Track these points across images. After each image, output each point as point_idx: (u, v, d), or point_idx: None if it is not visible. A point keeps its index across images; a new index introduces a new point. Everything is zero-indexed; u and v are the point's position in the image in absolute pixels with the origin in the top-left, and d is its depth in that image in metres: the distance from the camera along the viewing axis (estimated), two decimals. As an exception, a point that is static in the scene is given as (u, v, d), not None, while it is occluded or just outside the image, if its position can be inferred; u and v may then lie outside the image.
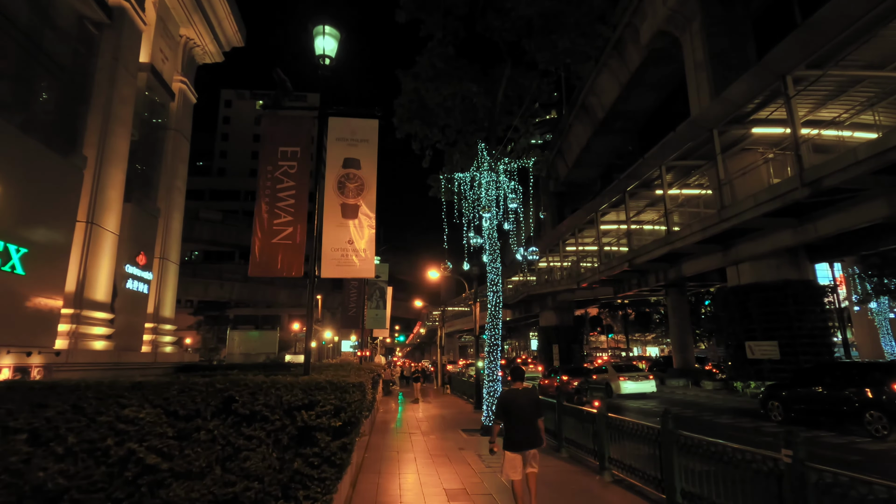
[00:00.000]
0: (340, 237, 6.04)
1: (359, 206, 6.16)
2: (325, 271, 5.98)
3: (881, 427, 10.70)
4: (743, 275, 19.99)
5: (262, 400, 3.78)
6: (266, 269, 5.85)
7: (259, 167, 6.13)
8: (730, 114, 16.95)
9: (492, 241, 13.74)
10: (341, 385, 4.01)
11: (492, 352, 13.20)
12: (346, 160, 6.24)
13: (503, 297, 36.33)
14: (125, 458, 3.53)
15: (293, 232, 5.92)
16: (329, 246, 6.01)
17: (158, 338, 18.25)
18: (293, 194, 6.03)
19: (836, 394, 12.00)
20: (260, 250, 5.87)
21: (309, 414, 3.83)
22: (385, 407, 19.82)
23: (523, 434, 5.31)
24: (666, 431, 5.83)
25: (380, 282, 15.60)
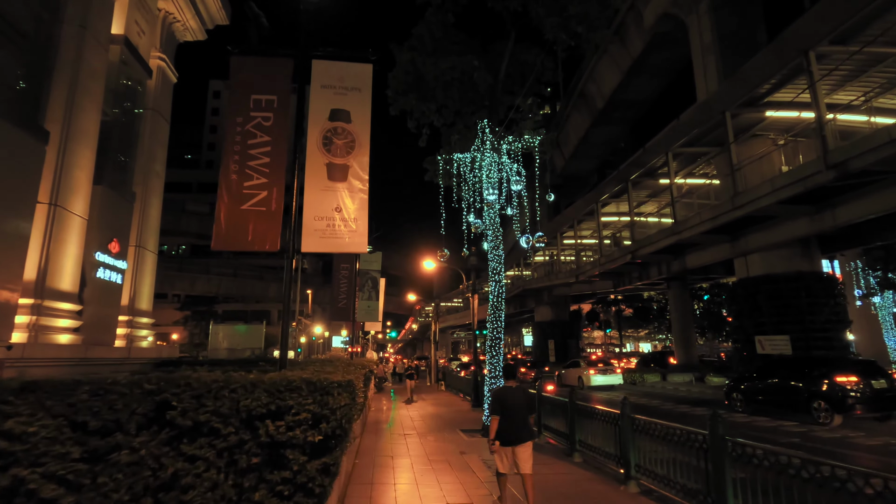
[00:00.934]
0: (326, 204, 4.97)
1: (348, 167, 5.09)
2: (307, 244, 4.90)
3: (825, 415, 11.96)
4: (752, 266, 19.13)
5: (210, 405, 2.71)
6: (233, 241, 4.76)
7: (227, 119, 5.03)
8: (744, 95, 16.02)
9: (494, 226, 12.72)
10: (322, 385, 2.95)
11: (493, 346, 12.19)
12: (333, 112, 5.16)
13: None
14: (9, 491, 2.45)
15: (268, 197, 4.84)
16: (312, 214, 4.94)
17: (134, 332, 17.01)
18: (268, 151, 4.94)
19: (789, 385, 13.16)
20: (227, 219, 4.78)
21: (277, 425, 2.76)
22: (377, 405, 18.76)
23: (515, 430, 5.46)
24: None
25: (372, 271, 14.53)
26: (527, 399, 5.72)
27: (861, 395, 11.65)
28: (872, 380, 11.98)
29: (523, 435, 5.48)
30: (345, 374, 4.89)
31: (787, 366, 14.01)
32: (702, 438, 5.20)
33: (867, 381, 11.89)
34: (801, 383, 12.81)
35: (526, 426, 5.54)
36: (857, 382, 11.84)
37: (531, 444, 5.53)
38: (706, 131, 18.96)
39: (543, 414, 10.74)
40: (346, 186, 5.05)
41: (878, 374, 12.27)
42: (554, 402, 9.99)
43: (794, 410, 12.90)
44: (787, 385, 13.22)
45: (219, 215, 4.75)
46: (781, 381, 13.47)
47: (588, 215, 30.07)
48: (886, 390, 11.85)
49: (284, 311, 4.63)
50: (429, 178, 14.71)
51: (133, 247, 16.99)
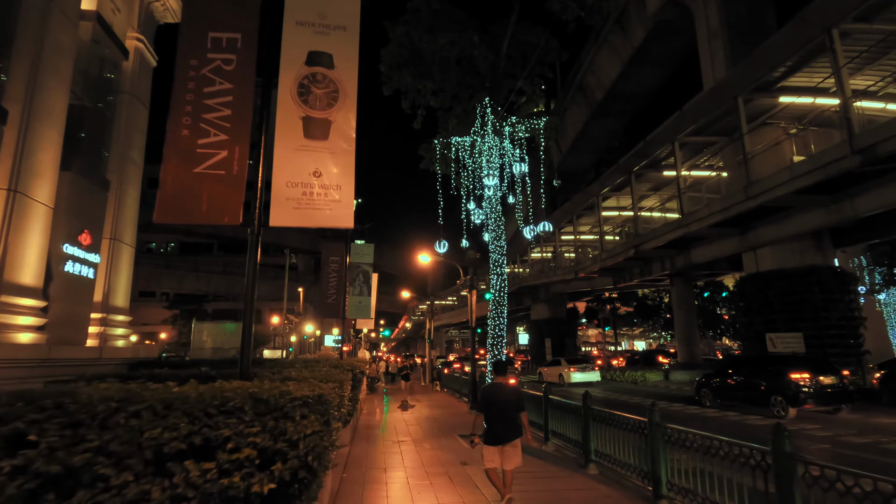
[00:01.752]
0: (302, 166, 3.96)
1: (330, 123, 4.08)
2: (277, 217, 3.89)
3: (781, 409, 12.96)
4: (762, 261, 18.30)
5: (94, 439, 1.69)
6: (182, 212, 3.74)
7: (176, 61, 4.01)
8: (758, 78, 15.15)
9: (495, 214, 11.76)
10: (277, 404, 1.94)
11: (495, 344, 11.25)
12: (311, 55, 4.15)
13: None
14: None
15: (228, 158, 3.83)
16: (284, 179, 3.93)
17: (108, 330, 15.83)
18: (229, 102, 3.93)
19: (751, 382, 14.19)
20: (175, 183, 3.76)
21: (203, 468, 1.75)
22: (370, 406, 17.75)
23: (503, 428, 5.39)
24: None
25: (363, 265, 13.50)
26: (516, 397, 5.58)
27: (812, 390, 12.65)
28: (822, 376, 12.99)
29: (512, 434, 5.41)
30: (324, 379, 3.90)
31: (749, 364, 15.16)
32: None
33: (817, 378, 12.92)
34: (761, 380, 13.87)
35: (515, 425, 5.47)
36: (808, 379, 12.82)
37: (519, 441, 5.46)
38: (714, 119, 18.10)
39: (552, 419, 9.80)
40: (326, 146, 4.04)
41: (829, 370, 13.27)
42: (564, 406, 9.04)
43: (755, 405, 13.85)
44: (749, 382, 14.31)
45: (165, 179, 3.73)
46: (744, 378, 14.54)
47: (588, 210, 29.19)
48: (835, 386, 12.88)
49: (246, 305, 3.63)
50: (425, 167, 13.72)
51: (107, 239, 15.84)
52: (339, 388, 3.83)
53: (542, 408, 10.30)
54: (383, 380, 31.76)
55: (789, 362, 13.77)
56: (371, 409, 16.92)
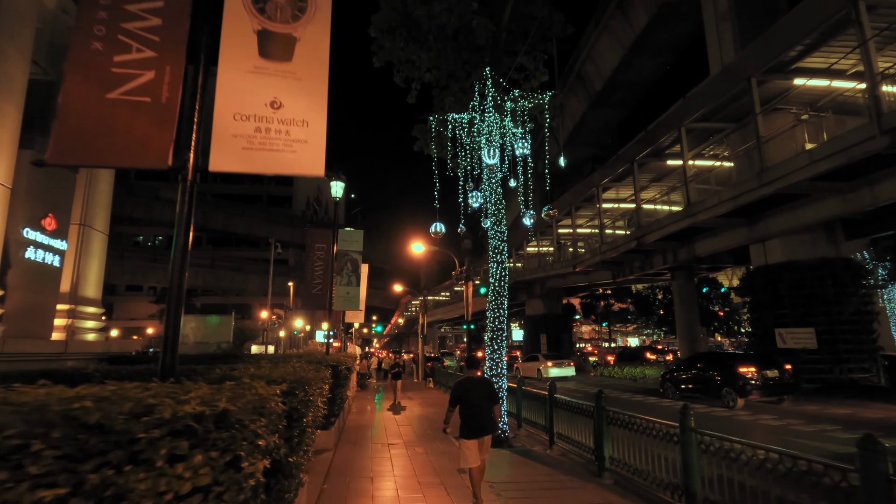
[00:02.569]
0: (255, 94, 2.97)
1: (295, 41, 3.09)
2: (221, 159, 2.89)
3: (731, 400, 14.07)
4: (771, 253, 17.49)
5: None
6: (88, 152, 2.74)
7: (89, -47, 2.98)
8: (773, 58, 14.28)
9: (495, 196, 10.80)
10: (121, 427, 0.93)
11: (495, 339, 10.28)
12: (270, -48, 3.16)
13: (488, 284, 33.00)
14: None
15: (156, 81, 2.83)
16: (230, 110, 2.94)
17: (77, 323, 14.73)
18: (158, 9, 2.93)
19: (706, 375, 15.50)
20: (80, 114, 2.76)
21: None
22: (359, 405, 16.76)
23: (479, 421, 5.43)
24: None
25: (352, 252, 12.47)
26: (490, 390, 5.64)
27: (758, 382, 13.99)
28: (767, 370, 14.37)
29: (487, 427, 5.48)
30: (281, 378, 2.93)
31: (707, 359, 16.69)
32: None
33: (763, 372, 14.26)
34: (715, 373, 15.20)
35: (489, 418, 5.53)
36: (755, 372, 14.10)
37: (491, 435, 5.57)
38: (723, 104, 17.25)
39: (557, 420, 8.89)
40: (290, 69, 3.04)
41: (773, 365, 14.70)
42: (573, 406, 8.13)
43: (710, 396, 15.06)
44: (705, 375, 15.60)
45: (65, 108, 2.73)
46: (700, 372, 15.86)
47: (586, 201, 28.33)
48: (778, 378, 14.22)
49: (172, 283, 2.66)
50: (419, 149, 12.71)
51: (77, 225, 14.75)
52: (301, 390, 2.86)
53: (545, 408, 9.41)
54: (375, 376, 30.78)
55: (739, 358, 15.33)
56: (361, 408, 15.95)
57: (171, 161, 2.79)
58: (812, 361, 15.87)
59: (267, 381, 2.44)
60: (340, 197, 12.69)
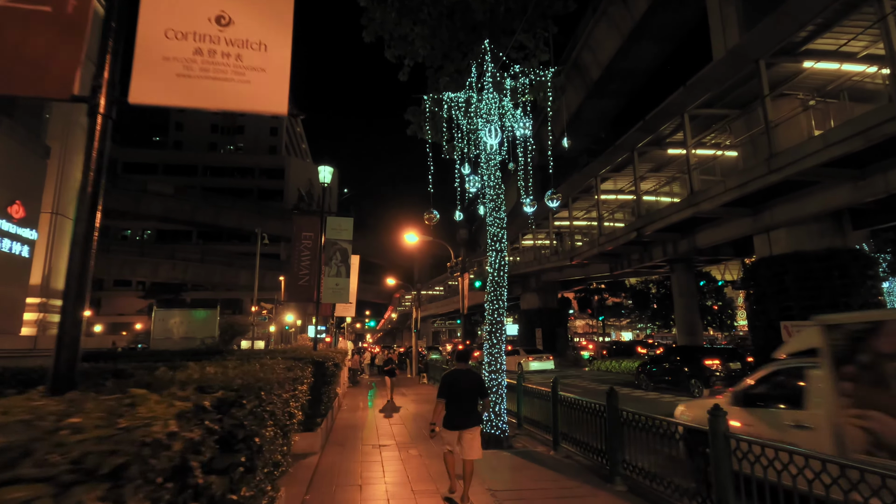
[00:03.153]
0: (193, 6, 2.26)
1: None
2: (147, 89, 2.15)
3: (697, 390, 15.34)
4: (776, 244, 16.93)
5: None
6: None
7: None
8: (783, 39, 13.65)
9: (494, 180, 10.10)
10: None
11: (494, 332, 9.61)
12: None
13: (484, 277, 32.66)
14: None
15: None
16: (161, 24, 2.20)
17: (49, 317, 13.86)
18: None
19: (677, 367, 16.94)
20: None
21: None
22: (351, 402, 16.07)
23: (463, 414, 5.42)
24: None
25: (341, 241, 11.71)
26: (477, 383, 5.65)
27: (721, 374, 15.53)
28: (730, 363, 16.02)
29: (471, 420, 5.43)
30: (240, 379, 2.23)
31: (676, 353, 18.18)
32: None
33: (726, 364, 15.89)
34: (684, 366, 16.68)
35: (474, 411, 5.50)
36: (719, 365, 15.59)
37: (479, 429, 5.49)
38: (728, 89, 16.63)
39: (562, 421, 8.24)
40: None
41: (736, 358, 16.46)
42: (581, 405, 7.48)
43: (679, 387, 16.14)
44: (676, 368, 16.98)
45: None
46: (671, 365, 17.26)
47: (584, 193, 27.71)
48: (740, 370, 15.47)
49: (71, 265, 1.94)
50: (412, 133, 11.97)
51: (49, 214, 13.82)
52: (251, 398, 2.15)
53: (549, 406, 8.76)
54: (367, 372, 30.07)
55: (706, 352, 16.89)
56: (352, 405, 15.25)
57: (76, 89, 2.07)
58: (819, 355, 15.34)
59: (199, 388, 1.74)
60: (329, 183, 11.93)
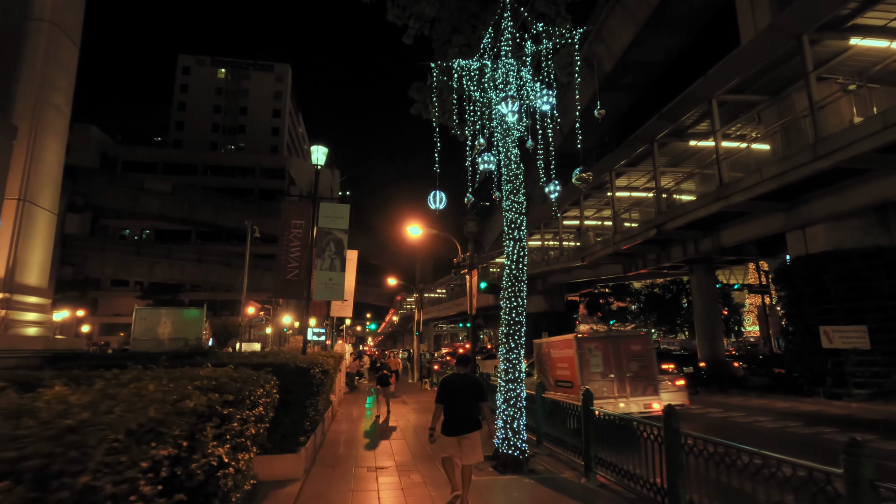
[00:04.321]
0: None
1: None
2: None
3: None
4: (813, 241, 15.50)
5: None
6: None
7: None
8: (829, 12, 12.27)
9: (511, 159, 8.72)
10: None
11: (512, 335, 8.19)
12: None
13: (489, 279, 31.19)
14: None
15: None
16: None
17: (12, 314, 12.49)
18: None
19: None
20: None
21: None
22: (347, 410, 14.64)
23: (461, 419, 5.33)
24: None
25: (336, 231, 10.30)
26: (475, 387, 5.54)
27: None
28: (684, 366, 18.66)
29: (469, 425, 5.34)
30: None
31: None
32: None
33: (680, 368, 18.00)
34: None
35: (472, 417, 5.41)
36: (674, 368, 16.64)
37: (477, 434, 5.35)
38: (760, 73, 15.26)
39: (597, 442, 6.80)
40: None
41: (689, 362, 19.84)
42: (626, 426, 6.06)
43: None
44: None
45: None
46: None
47: (596, 189, 26.27)
48: (693, 374, 18.64)
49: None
50: (416, 112, 10.60)
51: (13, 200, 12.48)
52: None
53: (578, 424, 7.34)
54: (367, 376, 28.60)
55: (664, 357, 18.23)
56: (348, 414, 13.82)
57: None
58: (864, 363, 13.89)
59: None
60: (321, 164, 10.55)
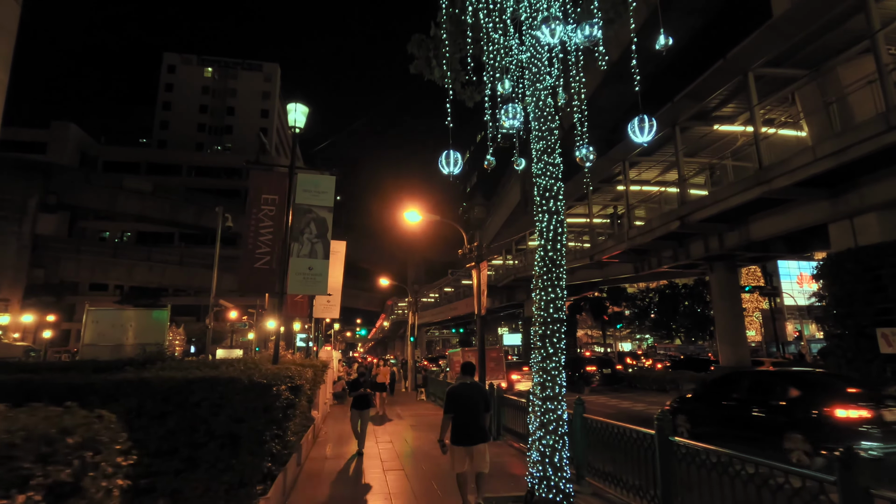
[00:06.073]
0: None
1: None
2: None
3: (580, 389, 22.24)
4: (864, 232, 13.65)
5: None
6: None
7: None
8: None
9: (545, 111, 6.72)
10: None
11: (549, 336, 6.06)
12: None
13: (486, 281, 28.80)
14: None
15: None
16: None
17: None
18: None
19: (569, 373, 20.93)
20: None
21: None
22: (333, 429, 12.43)
23: (472, 428, 5.35)
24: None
25: (317, 208, 8.22)
26: (483, 397, 5.59)
27: (597, 376, 24.62)
28: (605, 368, 25.84)
29: (478, 435, 5.37)
30: None
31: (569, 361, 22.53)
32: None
33: (602, 369, 25.41)
34: (572, 371, 23.59)
35: (481, 426, 5.43)
36: (595, 370, 23.66)
37: (486, 445, 5.39)
38: (807, 39, 13.46)
39: (682, 485, 4.76)
40: None
41: (608, 365, 27.21)
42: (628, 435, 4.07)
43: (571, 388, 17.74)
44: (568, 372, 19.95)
45: None
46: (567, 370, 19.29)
47: (604, 183, 24.42)
48: (610, 374, 25.77)
49: None
50: (417, 71, 8.47)
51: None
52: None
53: (646, 456, 5.33)
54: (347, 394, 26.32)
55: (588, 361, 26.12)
56: (334, 434, 11.60)
57: None
58: (931, 370, 12.02)
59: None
60: (301, 127, 8.46)
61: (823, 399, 7.83)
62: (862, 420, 7.19)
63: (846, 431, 7.16)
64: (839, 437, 7.09)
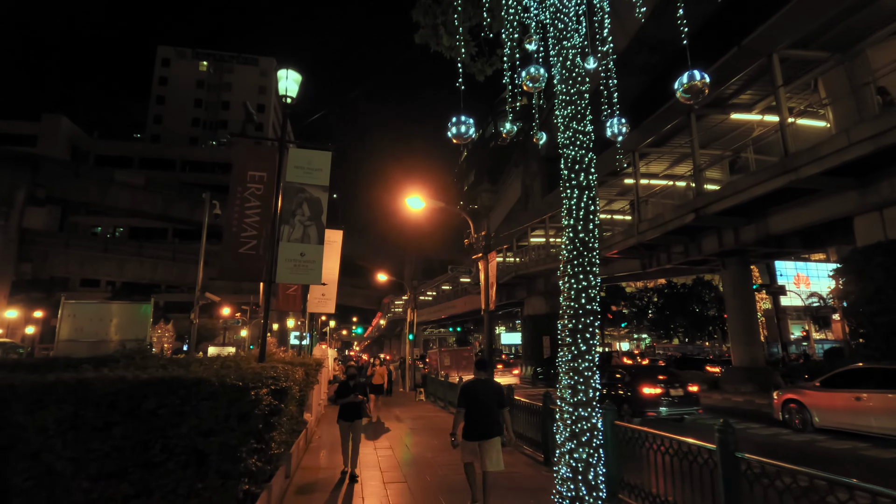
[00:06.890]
0: None
1: None
2: None
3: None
4: (893, 225, 12.85)
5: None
6: None
7: None
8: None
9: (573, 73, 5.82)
10: None
11: (581, 331, 5.07)
12: None
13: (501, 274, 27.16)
14: None
15: None
16: None
17: None
18: None
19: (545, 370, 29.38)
20: None
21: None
22: (327, 432, 11.45)
23: (484, 424, 5.36)
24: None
25: (310, 187, 7.29)
26: (497, 393, 5.58)
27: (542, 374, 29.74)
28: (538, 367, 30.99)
29: (491, 430, 5.36)
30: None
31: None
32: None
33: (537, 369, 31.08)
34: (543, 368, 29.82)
35: (494, 422, 5.42)
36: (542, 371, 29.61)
37: (498, 440, 5.37)
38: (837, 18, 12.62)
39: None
40: None
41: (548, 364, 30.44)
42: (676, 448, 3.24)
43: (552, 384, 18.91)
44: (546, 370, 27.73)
45: None
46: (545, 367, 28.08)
47: (611, 175, 23.55)
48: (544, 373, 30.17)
49: None
50: (422, 41, 7.51)
51: None
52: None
53: (706, 473, 4.43)
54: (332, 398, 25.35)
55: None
56: (328, 439, 10.60)
57: None
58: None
59: None
60: (293, 97, 7.51)
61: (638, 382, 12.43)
62: (658, 395, 11.96)
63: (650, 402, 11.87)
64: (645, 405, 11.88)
